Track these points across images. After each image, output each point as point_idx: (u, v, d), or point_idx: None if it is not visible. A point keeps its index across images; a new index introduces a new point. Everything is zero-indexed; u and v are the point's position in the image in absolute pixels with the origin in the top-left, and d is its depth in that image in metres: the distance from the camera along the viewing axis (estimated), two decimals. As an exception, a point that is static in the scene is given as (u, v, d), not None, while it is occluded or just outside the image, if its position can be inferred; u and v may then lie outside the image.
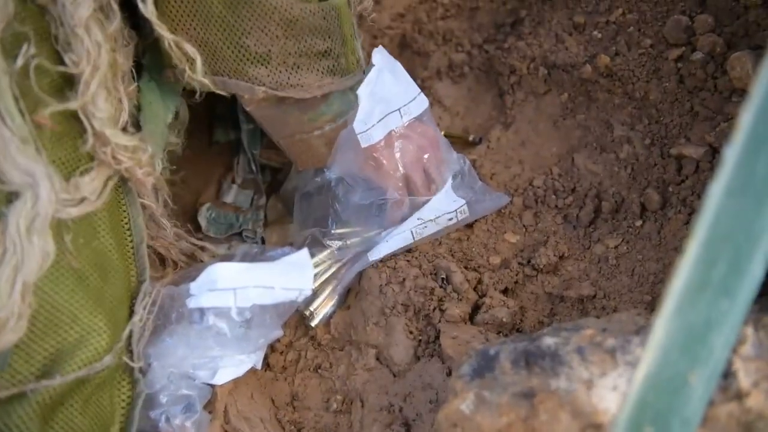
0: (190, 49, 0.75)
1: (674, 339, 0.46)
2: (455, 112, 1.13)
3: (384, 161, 0.87)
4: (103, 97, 0.69)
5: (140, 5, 0.71)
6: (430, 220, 0.90)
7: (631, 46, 0.97)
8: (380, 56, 0.87)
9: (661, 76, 0.93)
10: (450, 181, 0.92)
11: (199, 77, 0.77)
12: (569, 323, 0.68)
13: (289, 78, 0.80)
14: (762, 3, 0.88)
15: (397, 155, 0.87)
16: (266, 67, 0.79)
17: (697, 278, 0.46)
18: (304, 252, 0.79)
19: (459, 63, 1.16)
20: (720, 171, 0.45)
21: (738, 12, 0.89)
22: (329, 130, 0.85)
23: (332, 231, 0.91)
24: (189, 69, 0.76)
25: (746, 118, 0.44)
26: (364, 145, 0.85)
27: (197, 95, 0.82)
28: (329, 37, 0.80)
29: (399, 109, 0.86)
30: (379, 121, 0.85)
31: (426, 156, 0.90)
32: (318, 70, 0.81)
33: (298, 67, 0.80)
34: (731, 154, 0.44)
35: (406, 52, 1.22)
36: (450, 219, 0.91)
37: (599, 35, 1.00)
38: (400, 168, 0.88)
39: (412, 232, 0.89)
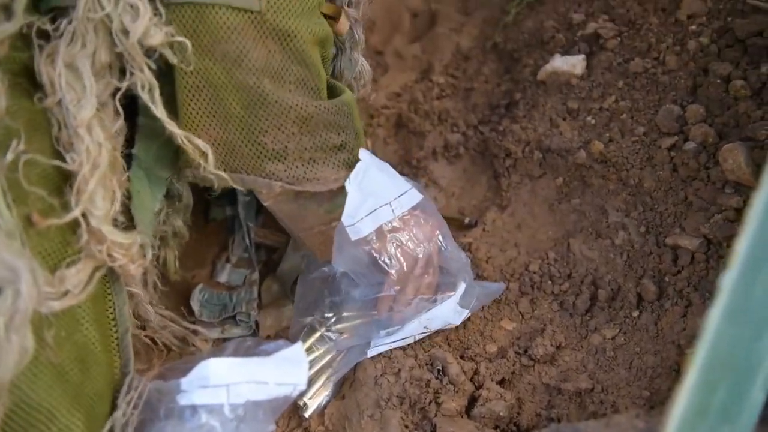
0: (200, 143, 0.76)
1: (676, 466, 0.45)
2: (451, 193, 1.14)
3: (377, 255, 0.86)
4: (101, 195, 0.69)
5: (151, 107, 0.72)
6: (435, 329, 0.90)
7: (624, 134, 0.98)
8: (367, 155, 0.87)
9: (654, 164, 0.93)
10: (462, 288, 0.90)
11: (211, 169, 0.77)
12: (568, 426, 0.67)
13: (305, 172, 0.82)
14: (751, 95, 0.90)
15: (391, 249, 0.86)
16: (283, 163, 0.81)
17: (698, 404, 0.45)
18: (299, 346, 0.79)
19: (454, 143, 1.17)
20: (718, 297, 0.45)
21: (728, 103, 0.91)
22: None
23: (330, 324, 0.90)
24: (203, 162, 0.77)
25: (742, 245, 0.44)
26: (353, 238, 0.84)
27: (215, 189, 0.83)
28: (343, 131, 0.83)
29: (389, 203, 0.86)
30: (368, 214, 0.84)
31: (421, 248, 0.88)
32: (334, 163, 0.83)
33: (314, 162, 0.82)
34: (728, 280, 0.44)
35: (402, 131, 1.23)
36: (451, 326, 0.91)
37: (593, 121, 1.02)
38: (395, 262, 0.87)
39: (414, 337, 0.89)
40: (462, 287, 0.89)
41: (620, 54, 1.05)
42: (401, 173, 1.15)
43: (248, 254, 1.10)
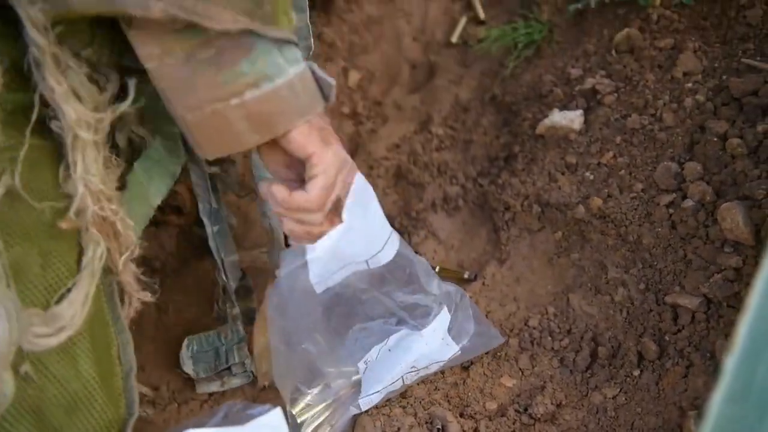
0: None
1: None
2: (450, 245, 1.14)
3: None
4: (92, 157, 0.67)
5: None
6: (424, 368, 0.89)
7: (623, 190, 0.99)
8: (359, 180, 0.78)
9: (653, 221, 0.94)
10: (445, 316, 0.90)
11: None
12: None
13: (195, 5, 0.62)
14: (748, 153, 0.91)
15: None
16: None
17: (702, 487, 0.45)
18: (277, 411, 0.76)
19: (453, 196, 1.17)
20: (720, 379, 0.44)
21: (725, 161, 0.92)
22: (251, 100, 0.66)
23: (311, 387, 0.88)
24: None
25: (743, 327, 0.44)
26: (318, 291, 0.80)
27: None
28: None
29: (366, 261, 0.82)
30: (341, 269, 0.81)
31: None
32: (234, 7, 0.63)
33: None
34: (731, 362, 0.44)
35: (401, 182, 1.24)
36: (442, 365, 0.90)
37: (591, 177, 1.02)
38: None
39: (403, 378, 0.88)
40: (444, 315, 0.88)
41: (617, 110, 1.06)
42: (400, 225, 1.17)
43: (244, 283, 1.06)
